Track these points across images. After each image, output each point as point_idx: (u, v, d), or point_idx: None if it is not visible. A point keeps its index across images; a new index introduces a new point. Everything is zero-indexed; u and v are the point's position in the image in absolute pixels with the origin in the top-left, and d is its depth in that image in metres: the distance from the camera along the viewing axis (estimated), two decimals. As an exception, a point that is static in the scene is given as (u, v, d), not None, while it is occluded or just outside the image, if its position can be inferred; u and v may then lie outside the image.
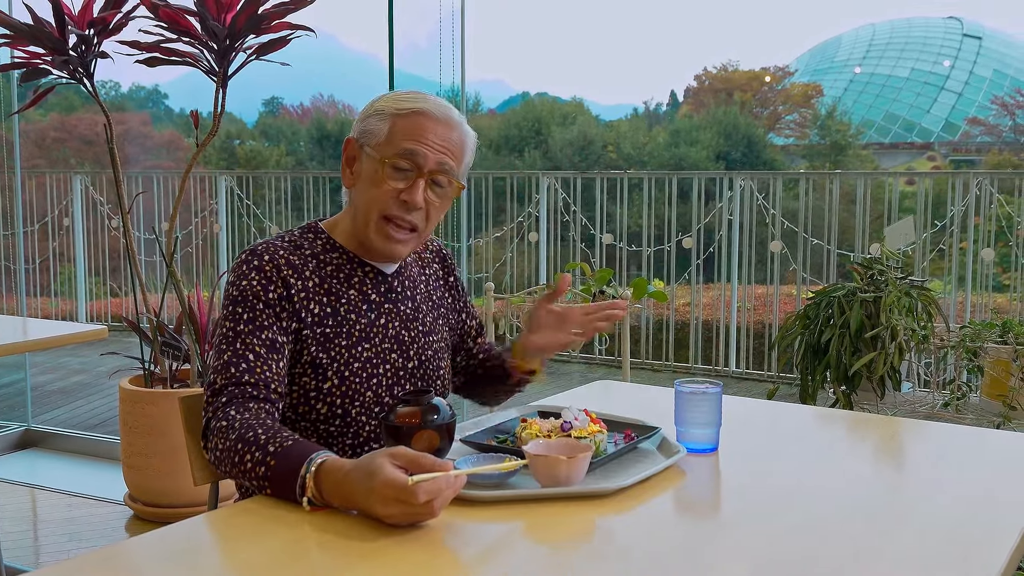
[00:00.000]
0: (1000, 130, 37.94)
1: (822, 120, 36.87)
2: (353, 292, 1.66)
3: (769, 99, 40.18)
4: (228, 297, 1.59)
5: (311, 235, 1.69)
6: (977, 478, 1.50)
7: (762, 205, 6.03)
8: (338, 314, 1.63)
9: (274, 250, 1.62)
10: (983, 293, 5.65)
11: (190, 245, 7.42)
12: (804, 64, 47.25)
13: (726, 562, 1.17)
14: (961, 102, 41.34)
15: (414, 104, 1.63)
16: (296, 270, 1.61)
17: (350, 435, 1.64)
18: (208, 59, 3.41)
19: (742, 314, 6.29)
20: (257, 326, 1.56)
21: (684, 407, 1.59)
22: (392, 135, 1.61)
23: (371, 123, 1.64)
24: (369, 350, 1.64)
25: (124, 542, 1.31)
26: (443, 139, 1.62)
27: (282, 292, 1.59)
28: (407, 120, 1.61)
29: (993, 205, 5.43)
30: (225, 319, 1.58)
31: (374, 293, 1.68)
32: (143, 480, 3.53)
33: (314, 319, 1.61)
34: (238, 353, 1.54)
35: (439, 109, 1.63)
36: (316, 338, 1.60)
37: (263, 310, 1.57)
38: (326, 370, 1.60)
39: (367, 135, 1.64)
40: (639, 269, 6.57)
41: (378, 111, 1.64)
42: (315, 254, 1.66)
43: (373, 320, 1.66)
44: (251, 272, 1.59)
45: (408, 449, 1.28)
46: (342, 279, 1.66)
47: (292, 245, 1.65)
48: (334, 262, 1.67)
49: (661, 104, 44.72)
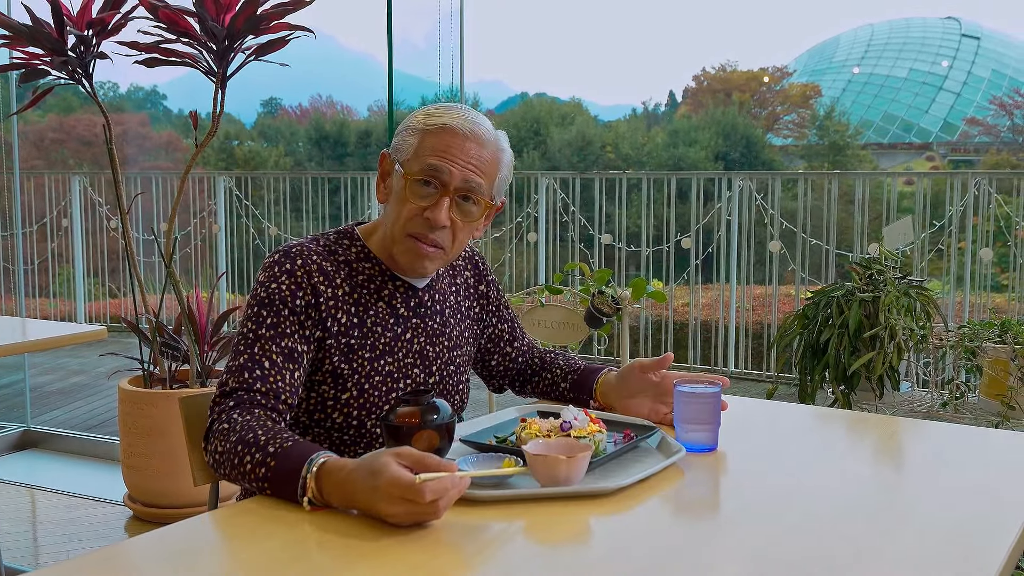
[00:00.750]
0: (998, 130, 37.95)
1: (820, 120, 36.88)
2: (382, 304, 1.65)
3: (767, 99, 40.19)
4: (255, 297, 1.57)
5: (346, 241, 1.67)
6: (976, 478, 1.50)
7: (761, 205, 6.04)
8: (364, 325, 1.62)
9: (307, 254, 1.59)
10: (981, 293, 5.66)
11: (189, 246, 7.42)
12: (802, 64, 47.28)
13: (725, 561, 1.17)
14: (959, 102, 41.36)
15: (442, 119, 1.59)
16: (327, 277, 1.60)
17: (362, 446, 1.64)
18: (207, 60, 3.41)
19: (741, 314, 6.29)
20: (279, 332, 1.54)
21: (683, 407, 1.60)
22: (419, 151, 1.58)
23: (403, 138, 1.62)
24: (391, 364, 1.64)
25: (123, 543, 1.31)
26: (471, 156, 1.58)
27: (310, 300, 1.57)
28: (434, 136, 1.58)
29: (991, 205, 5.43)
30: (248, 319, 1.56)
31: (403, 307, 1.67)
32: (142, 481, 3.53)
33: (340, 329, 1.59)
34: (255, 358, 1.53)
35: (467, 125, 1.59)
36: (340, 348, 1.59)
37: (288, 316, 1.55)
38: (346, 380, 1.60)
39: (398, 150, 1.62)
40: (638, 269, 6.57)
41: (410, 126, 1.62)
42: (348, 261, 1.64)
43: (399, 334, 1.65)
44: (282, 275, 1.57)
45: (413, 449, 1.28)
46: (372, 290, 1.64)
47: (326, 250, 1.63)
48: (366, 272, 1.65)
49: (660, 104, 44.80)
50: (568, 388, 1.85)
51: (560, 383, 1.87)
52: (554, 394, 1.88)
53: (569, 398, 1.85)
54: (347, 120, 35.01)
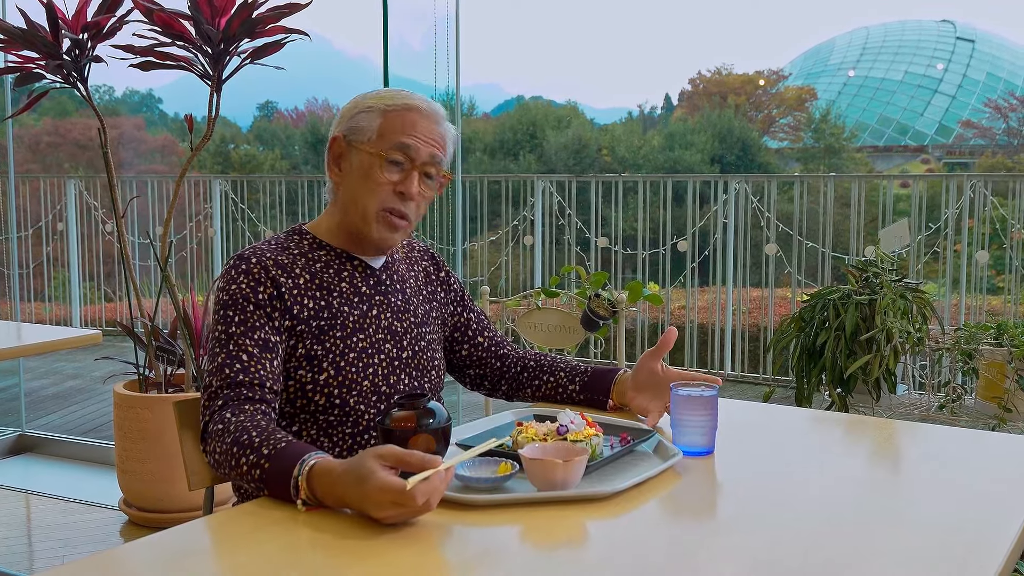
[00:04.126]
0: (993, 133, 38.01)
1: (816, 123, 36.94)
2: (344, 285, 1.70)
3: (763, 102, 40.25)
4: (218, 303, 1.62)
5: (296, 237, 1.74)
6: (973, 480, 1.50)
7: (757, 208, 6.04)
8: (331, 307, 1.67)
9: (261, 253, 1.66)
10: (977, 295, 5.67)
11: (184, 249, 7.41)
12: (798, 67, 47.35)
13: (722, 565, 1.17)
14: (954, 105, 41.45)
15: (403, 100, 1.69)
16: (285, 269, 1.65)
17: (349, 423, 1.66)
18: (202, 63, 3.41)
19: (737, 317, 6.29)
20: (249, 327, 1.59)
21: (680, 410, 1.59)
22: (384, 130, 1.67)
23: (360, 120, 1.69)
24: (363, 340, 1.67)
25: (119, 548, 1.31)
26: (432, 133, 1.69)
27: (272, 292, 1.62)
28: (398, 116, 1.68)
29: (987, 207, 5.44)
30: (217, 323, 1.61)
31: (364, 286, 1.72)
32: (138, 485, 3.52)
33: (308, 313, 1.64)
34: (231, 355, 1.56)
35: (426, 104, 1.70)
36: (311, 331, 1.63)
37: (254, 311, 1.60)
38: (321, 361, 1.63)
39: (356, 132, 1.69)
40: (634, 272, 6.57)
41: (367, 108, 1.69)
42: (303, 253, 1.70)
43: (365, 312, 1.70)
44: (239, 276, 1.62)
45: (394, 447, 1.29)
46: (332, 273, 1.70)
47: (279, 247, 1.70)
48: (322, 259, 1.71)
49: (656, 107, 44.80)
50: (579, 390, 1.86)
51: (568, 385, 1.87)
52: (560, 396, 1.88)
53: (579, 400, 1.86)
54: (343, 123, 34.92)
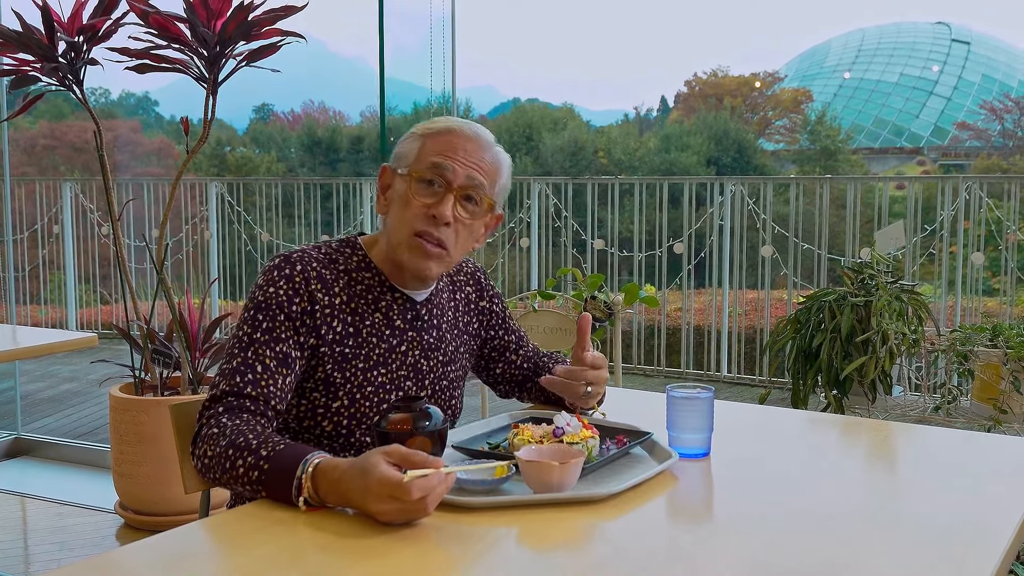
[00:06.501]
0: (989, 134, 38.11)
1: (812, 125, 37.03)
2: (379, 315, 1.66)
3: (759, 104, 40.33)
4: (252, 300, 1.59)
5: (348, 249, 1.69)
6: (968, 481, 1.50)
7: (753, 210, 6.05)
8: (359, 335, 1.63)
9: (308, 261, 1.62)
10: (973, 297, 5.68)
11: (180, 252, 7.40)
12: (793, 69, 47.46)
13: (718, 566, 1.17)
14: (950, 107, 41.56)
15: (445, 124, 1.66)
16: (325, 284, 1.61)
17: (351, 455, 1.63)
18: (198, 66, 3.41)
19: (733, 319, 6.30)
20: (273, 337, 1.56)
21: (676, 412, 1.59)
22: (422, 153, 1.63)
23: (403, 147, 1.67)
24: (384, 375, 1.64)
25: (115, 551, 1.31)
26: (472, 156, 1.63)
27: (306, 306, 1.58)
28: (437, 138, 1.64)
29: (982, 209, 5.45)
30: (244, 322, 1.58)
31: (399, 319, 1.68)
32: (134, 488, 3.51)
33: (334, 337, 1.60)
34: (247, 362, 1.54)
35: (468, 128, 1.66)
36: (333, 356, 1.60)
37: (283, 321, 1.57)
38: (338, 389, 1.61)
39: (399, 158, 1.66)
40: (630, 274, 6.57)
41: (411, 135, 1.67)
42: (348, 270, 1.66)
43: (394, 346, 1.66)
44: (280, 280, 1.59)
45: (400, 446, 1.30)
46: (370, 300, 1.65)
47: (327, 258, 1.65)
48: (365, 281, 1.66)
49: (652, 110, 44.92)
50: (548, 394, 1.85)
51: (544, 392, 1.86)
52: (548, 400, 1.88)
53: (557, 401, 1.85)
54: (339, 126, 35.05)
